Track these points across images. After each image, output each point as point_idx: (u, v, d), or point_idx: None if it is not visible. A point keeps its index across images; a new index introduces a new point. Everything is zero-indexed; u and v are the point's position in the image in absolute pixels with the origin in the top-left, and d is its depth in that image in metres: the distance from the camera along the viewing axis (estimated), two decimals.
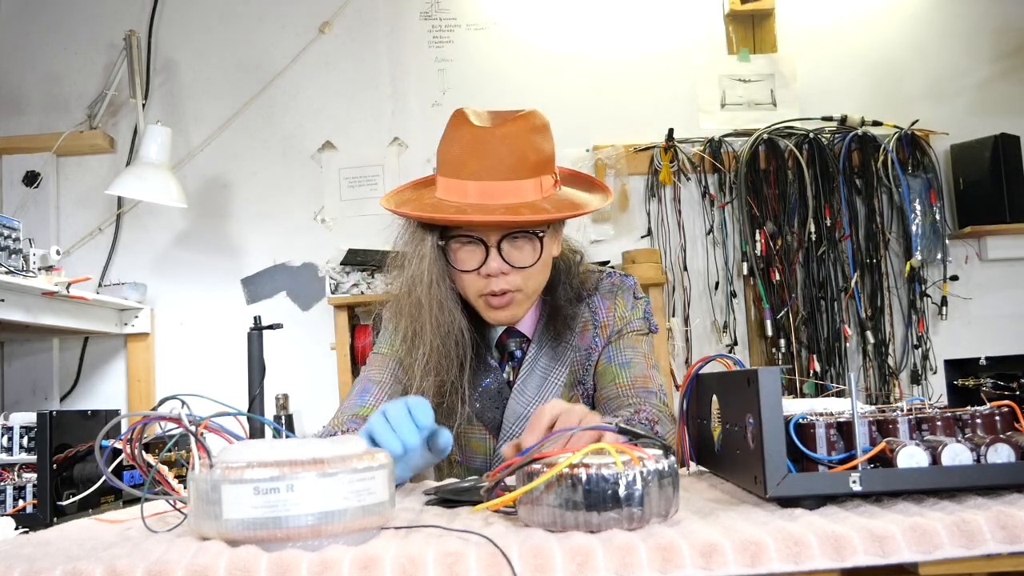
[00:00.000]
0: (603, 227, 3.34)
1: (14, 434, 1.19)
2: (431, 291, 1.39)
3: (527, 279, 1.41)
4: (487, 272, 1.38)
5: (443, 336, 1.40)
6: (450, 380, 1.42)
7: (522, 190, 1.36)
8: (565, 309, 1.50)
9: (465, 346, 1.42)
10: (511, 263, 1.38)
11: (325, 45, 3.42)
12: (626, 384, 1.46)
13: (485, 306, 1.43)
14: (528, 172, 1.36)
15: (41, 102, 3.40)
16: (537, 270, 1.42)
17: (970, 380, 1.18)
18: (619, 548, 0.72)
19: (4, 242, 2.46)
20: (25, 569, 0.73)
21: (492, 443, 1.48)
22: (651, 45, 3.45)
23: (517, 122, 1.37)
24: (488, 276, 1.39)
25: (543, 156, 1.39)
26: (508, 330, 1.51)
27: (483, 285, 1.40)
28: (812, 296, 3.23)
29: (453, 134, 1.39)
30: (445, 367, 1.41)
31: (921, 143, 3.34)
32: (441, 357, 1.41)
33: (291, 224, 3.36)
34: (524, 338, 1.51)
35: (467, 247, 1.40)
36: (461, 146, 1.37)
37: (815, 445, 0.86)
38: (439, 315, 1.40)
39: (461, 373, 1.42)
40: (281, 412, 3.16)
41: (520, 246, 1.39)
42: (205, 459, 0.81)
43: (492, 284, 1.39)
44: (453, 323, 1.41)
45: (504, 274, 1.39)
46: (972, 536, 0.72)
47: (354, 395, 1.50)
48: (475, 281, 1.40)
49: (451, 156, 1.38)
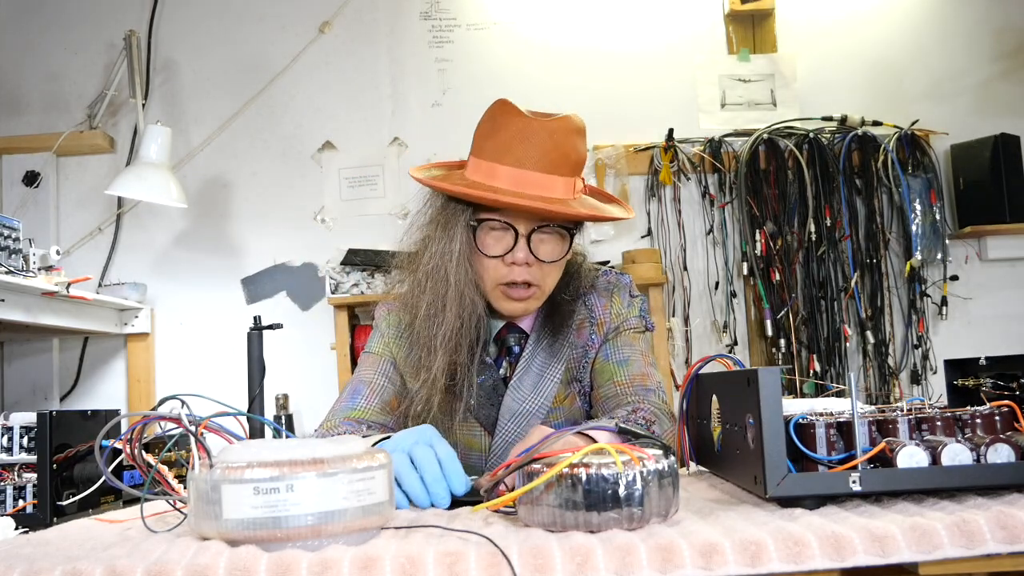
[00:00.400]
0: (603, 227, 3.34)
1: (14, 434, 1.19)
2: (459, 268, 1.40)
3: (546, 275, 1.43)
4: (512, 260, 1.39)
5: (465, 316, 1.40)
6: (462, 361, 1.42)
7: (554, 186, 1.38)
8: (564, 307, 1.51)
9: (481, 329, 1.43)
10: (537, 255, 1.39)
11: (325, 45, 3.42)
12: (624, 382, 1.46)
13: (502, 295, 1.43)
14: (566, 170, 1.39)
15: (41, 102, 3.40)
16: (558, 267, 1.44)
17: (970, 380, 1.18)
18: (619, 548, 0.72)
19: (4, 242, 2.46)
20: (25, 569, 0.73)
21: (488, 440, 1.48)
22: (651, 45, 3.45)
23: (563, 120, 1.39)
24: (512, 264, 1.40)
25: (580, 158, 1.42)
26: (508, 325, 1.51)
27: (504, 273, 1.41)
28: (812, 296, 3.23)
29: (500, 120, 1.40)
30: (462, 347, 1.41)
31: (921, 143, 3.34)
32: (460, 336, 1.41)
33: (291, 224, 3.36)
34: (523, 334, 1.51)
35: (496, 232, 1.41)
36: (509, 133, 1.38)
37: (815, 445, 0.86)
38: (466, 292, 1.40)
39: (471, 357, 1.43)
40: (281, 412, 3.16)
41: (548, 240, 1.41)
42: (205, 459, 0.81)
43: (514, 273, 1.40)
44: (475, 304, 1.41)
45: (528, 265, 1.40)
46: (972, 536, 0.72)
47: (346, 396, 1.50)
48: (497, 268, 1.41)
49: (496, 141, 1.39)
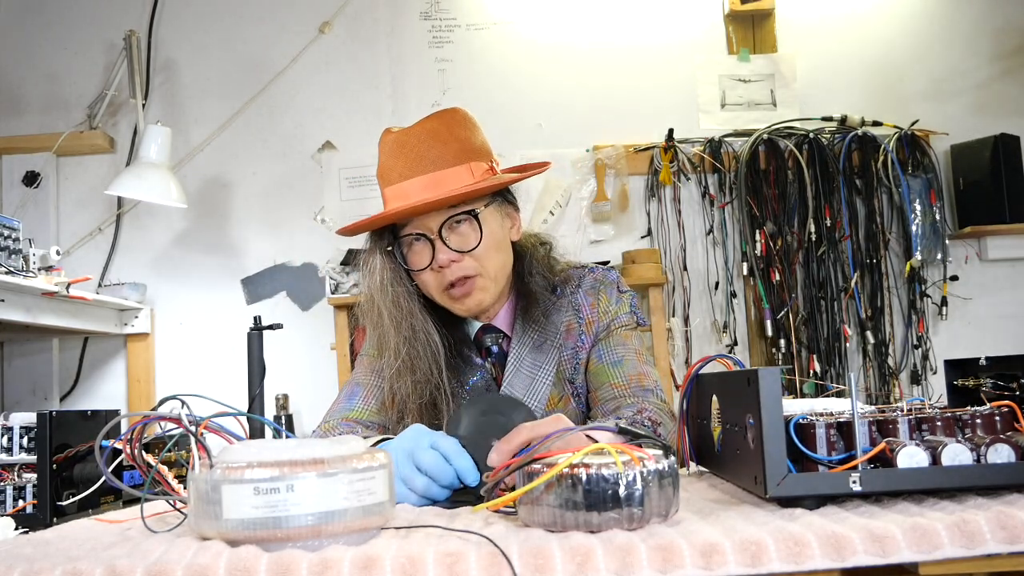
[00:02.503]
0: (603, 227, 3.35)
1: (14, 434, 1.19)
2: (385, 295, 1.41)
3: (481, 261, 1.41)
4: (438, 264, 1.39)
5: (409, 339, 1.41)
6: (432, 380, 1.42)
7: (453, 177, 1.38)
8: (539, 298, 1.49)
9: (436, 346, 1.43)
10: (456, 248, 1.39)
11: (325, 45, 3.42)
12: (621, 384, 1.45)
13: (450, 300, 1.43)
14: (453, 159, 1.39)
15: (41, 102, 3.40)
16: (488, 250, 1.42)
17: (970, 380, 1.18)
18: (619, 548, 0.72)
19: (4, 242, 2.46)
20: (25, 569, 0.73)
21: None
22: (651, 45, 3.45)
23: (433, 119, 1.41)
24: (441, 268, 1.40)
25: (468, 144, 1.42)
26: (484, 327, 1.51)
27: (441, 279, 1.41)
28: (812, 296, 3.23)
29: (380, 148, 1.43)
30: (421, 368, 1.41)
31: (921, 143, 3.34)
32: (413, 359, 1.41)
33: (291, 224, 3.36)
34: (501, 333, 1.51)
35: (415, 246, 1.42)
36: (386, 154, 1.41)
37: (815, 445, 0.86)
38: (398, 317, 1.41)
39: (440, 373, 1.42)
40: (281, 412, 3.16)
41: (461, 231, 1.41)
42: (205, 459, 0.80)
43: (447, 275, 1.40)
44: (416, 324, 1.42)
45: (455, 262, 1.40)
46: (972, 536, 0.72)
47: (342, 398, 1.51)
48: (433, 278, 1.42)
49: (381, 168, 1.43)
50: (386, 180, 1.42)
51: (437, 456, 1.04)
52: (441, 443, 1.06)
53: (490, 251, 1.42)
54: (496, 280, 1.45)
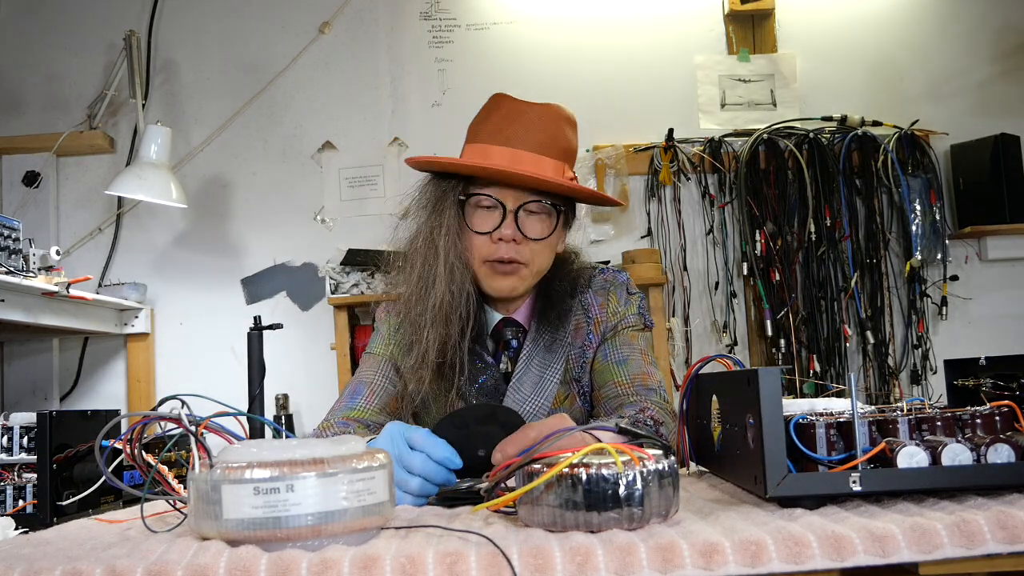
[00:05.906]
0: (603, 227, 3.34)
1: (14, 434, 1.19)
2: (447, 241, 1.41)
3: (534, 254, 1.44)
4: (499, 236, 1.41)
5: (455, 288, 1.41)
6: (453, 338, 1.42)
7: (545, 166, 1.41)
8: (559, 302, 1.51)
9: (471, 306, 1.43)
10: (524, 232, 1.41)
11: (325, 45, 3.42)
12: (625, 383, 1.46)
13: (489, 272, 1.44)
14: (555, 153, 1.42)
15: (41, 102, 3.40)
16: (545, 247, 1.45)
17: (970, 380, 1.18)
18: (619, 548, 0.72)
19: (4, 242, 2.46)
20: (25, 569, 0.73)
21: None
22: (651, 45, 3.45)
23: (552, 106, 1.45)
24: (499, 241, 1.41)
25: (569, 145, 1.46)
26: (505, 319, 1.52)
27: (492, 250, 1.42)
28: (812, 296, 3.23)
29: (492, 106, 1.46)
30: (452, 322, 1.41)
31: (921, 143, 3.34)
32: (450, 310, 1.41)
33: (291, 224, 3.36)
34: (520, 328, 1.52)
35: (485, 209, 1.43)
36: (499, 115, 1.43)
37: (815, 445, 0.86)
38: (456, 265, 1.41)
39: (462, 337, 1.43)
40: (281, 412, 3.16)
41: (535, 217, 1.43)
42: (205, 459, 0.81)
43: (501, 250, 1.42)
44: (464, 278, 1.43)
45: (515, 242, 1.41)
46: (972, 536, 0.72)
47: (345, 396, 1.51)
48: (485, 245, 1.43)
49: (487, 124, 1.44)
50: (488, 136, 1.42)
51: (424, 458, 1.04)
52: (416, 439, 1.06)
53: (546, 249, 1.46)
54: (535, 277, 1.48)
